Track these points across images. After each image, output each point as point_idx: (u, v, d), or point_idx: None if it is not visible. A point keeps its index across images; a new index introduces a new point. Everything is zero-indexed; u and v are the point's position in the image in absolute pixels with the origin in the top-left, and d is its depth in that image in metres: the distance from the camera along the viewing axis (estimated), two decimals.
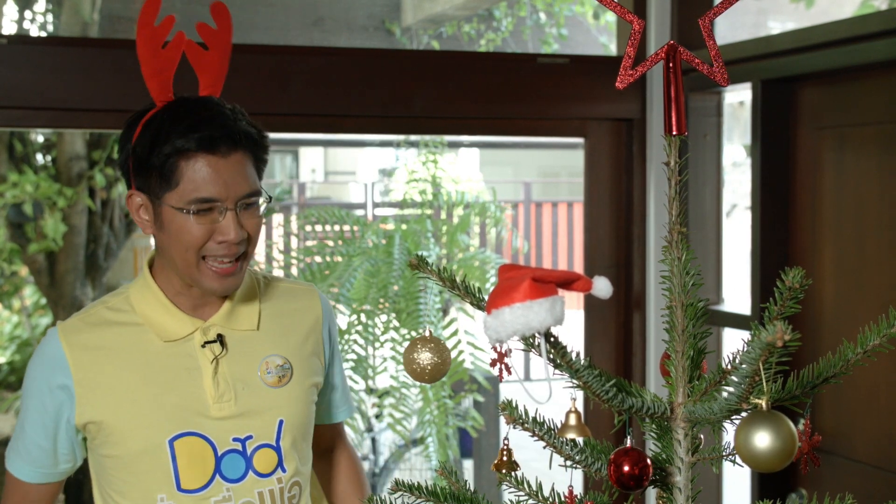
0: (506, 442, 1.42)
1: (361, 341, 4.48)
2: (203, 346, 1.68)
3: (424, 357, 1.26)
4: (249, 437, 1.69)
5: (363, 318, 4.49)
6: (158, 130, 1.59)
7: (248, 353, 1.72)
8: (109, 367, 1.66)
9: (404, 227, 5.05)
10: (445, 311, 5.18)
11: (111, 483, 1.69)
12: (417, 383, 4.52)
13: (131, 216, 1.67)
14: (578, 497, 1.10)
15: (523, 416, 1.06)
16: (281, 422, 1.71)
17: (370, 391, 5.05)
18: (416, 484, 1.16)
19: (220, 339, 1.70)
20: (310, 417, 1.78)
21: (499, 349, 0.99)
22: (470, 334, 4.64)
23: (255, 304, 1.76)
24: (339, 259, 4.81)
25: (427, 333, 1.29)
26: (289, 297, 1.82)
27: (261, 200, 1.65)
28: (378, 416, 4.91)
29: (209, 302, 1.71)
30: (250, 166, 1.64)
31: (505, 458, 1.40)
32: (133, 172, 1.63)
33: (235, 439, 1.68)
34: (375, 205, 9.74)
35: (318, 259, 4.96)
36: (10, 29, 5.51)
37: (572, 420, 1.03)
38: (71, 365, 1.65)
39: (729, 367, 1.07)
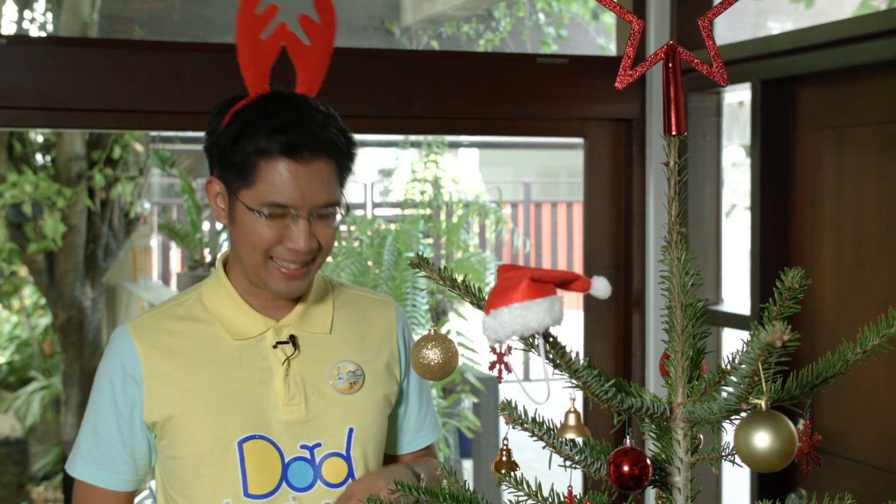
0: (505, 442, 1.42)
1: None
2: (275, 347, 1.64)
3: (433, 354, 1.26)
4: (318, 445, 1.64)
5: None
6: (245, 125, 1.55)
7: (319, 357, 1.67)
8: (180, 363, 1.62)
9: (393, 227, 5.05)
10: (445, 313, 5.18)
11: (177, 486, 1.64)
12: None
13: (208, 202, 1.63)
14: (578, 497, 1.10)
15: (523, 417, 1.06)
16: (351, 430, 1.65)
17: None
18: (415, 484, 1.16)
19: (293, 340, 1.65)
20: (381, 428, 1.71)
21: (498, 350, 0.99)
22: (462, 335, 4.64)
23: (328, 308, 1.70)
24: (329, 259, 4.82)
25: (433, 331, 1.29)
26: (363, 304, 1.76)
27: (338, 211, 1.60)
28: None
29: (282, 303, 1.67)
30: (332, 175, 1.58)
31: (504, 459, 1.40)
32: (216, 160, 1.60)
33: (303, 446, 1.63)
34: (375, 205, 9.72)
35: None
36: (9, 29, 5.51)
37: (571, 420, 1.03)
38: (142, 359, 1.61)
39: (728, 367, 1.07)
